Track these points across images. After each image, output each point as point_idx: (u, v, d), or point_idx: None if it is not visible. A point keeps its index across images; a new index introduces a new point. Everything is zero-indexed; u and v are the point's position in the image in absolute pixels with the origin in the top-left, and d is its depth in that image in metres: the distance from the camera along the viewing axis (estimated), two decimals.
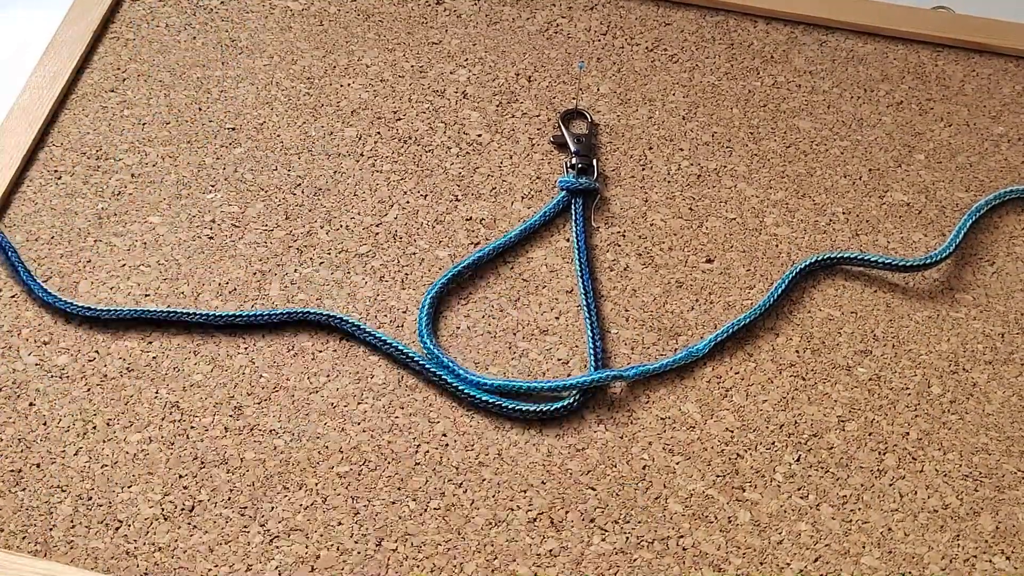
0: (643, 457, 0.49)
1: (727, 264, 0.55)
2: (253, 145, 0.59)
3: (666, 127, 0.60)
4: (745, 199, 0.57)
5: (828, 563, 0.47)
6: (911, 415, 0.51)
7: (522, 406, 0.50)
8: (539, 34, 0.63)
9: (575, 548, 0.47)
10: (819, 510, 0.48)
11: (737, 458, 0.49)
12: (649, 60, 0.62)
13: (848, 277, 0.55)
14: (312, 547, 0.47)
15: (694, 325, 0.53)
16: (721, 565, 0.47)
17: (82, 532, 0.47)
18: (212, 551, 0.46)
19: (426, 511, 0.47)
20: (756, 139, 0.59)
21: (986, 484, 0.49)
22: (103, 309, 0.52)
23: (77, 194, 0.57)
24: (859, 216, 0.57)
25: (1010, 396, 0.51)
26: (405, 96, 0.61)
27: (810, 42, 0.63)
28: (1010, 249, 0.56)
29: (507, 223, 0.56)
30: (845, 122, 0.60)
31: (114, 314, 0.52)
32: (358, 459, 0.49)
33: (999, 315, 0.54)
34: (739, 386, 0.51)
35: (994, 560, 0.47)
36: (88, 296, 0.53)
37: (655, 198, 0.57)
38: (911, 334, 0.53)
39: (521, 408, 0.50)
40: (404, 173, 0.58)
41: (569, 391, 0.50)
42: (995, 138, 0.59)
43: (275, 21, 0.64)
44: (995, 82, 0.61)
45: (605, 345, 0.52)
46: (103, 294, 0.53)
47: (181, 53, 0.62)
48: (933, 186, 0.58)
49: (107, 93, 0.61)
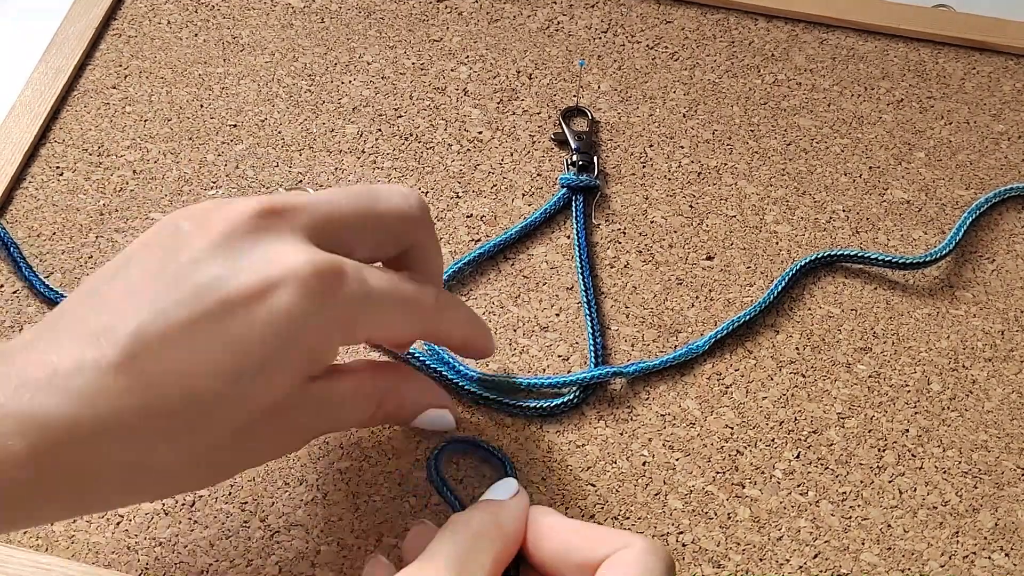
0: (643, 453, 0.49)
1: (727, 261, 0.55)
2: (254, 142, 0.59)
3: (667, 124, 0.60)
4: (745, 196, 0.57)
5: (827, 559, 0.47)
6: (911, 412, 0.51)
7: (522, 402, 0.50)
8: (540, 32, 0.63)
9: None
10: (818, 506, 0.48)
11: (737, 455, 0.49)
12: (650, 58, 0.62)
13: (848, 275, 0.55)
14: (312, 542, 0.47)
15: (694, 322, 0.53)
16: (721, 561, 0.47)
17: (83, 527, 0.47)
18: (213, 546, 0.47)
19: (426, 507, 0.47)
20: (756, 137, 0.59)
21: (985, 481, 0.49)
22: None
23: (79, 190, 0.57)
24: (859, 214, 0.57)
25: (1009, 393, 0.51)
26: (406, 93, 0.61)
27: (810, 40, 0.63)
28: (1010, 247, 0.56)
29: (508, 220, 0.56)
30: (845, 120, 0.60)
31: None
32: (359, 455, 0.49)
33: (999, 312, 0.54)
34: (739, 383, 0.51)
35: (993, 557, 0.47)
36: None
37: (655, 195, 0.57)
38: (911, 331, 0.53)
39: (521, 404, 0.50)
40: (405, 170, 0.58)
41: (570, 387, 0.50)
42: (995, 136, 0.60)
43: (276, 18, 0.64)
44: (995, 80, 0.62)
45: (605, 341, 0.52)
46: None
47: (183, 50, 0.62)
48: (933, 184, 0.58)
49: (109, 90, 0.61)
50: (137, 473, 0.36)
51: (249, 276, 0.35)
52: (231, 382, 0.35)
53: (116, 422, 0.34)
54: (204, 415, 0.35)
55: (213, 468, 0.38)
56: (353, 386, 0.41)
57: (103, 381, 0.34)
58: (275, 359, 0.36)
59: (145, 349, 0.34)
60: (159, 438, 0.35)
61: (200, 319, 0.35)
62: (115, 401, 0.34)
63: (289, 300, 0.35)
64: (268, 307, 0.35)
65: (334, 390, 0.40)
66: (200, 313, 0.35)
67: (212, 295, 0.35)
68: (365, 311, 0.38)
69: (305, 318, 0.36)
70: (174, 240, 0.37)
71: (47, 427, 0.33)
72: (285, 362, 0.36)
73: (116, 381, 0.34)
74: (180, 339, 0.34)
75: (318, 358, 0.38)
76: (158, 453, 0.35)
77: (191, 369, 0.35)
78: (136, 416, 0.34)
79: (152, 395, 0.34)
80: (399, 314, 0.40)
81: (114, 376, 0.34)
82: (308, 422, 0.40)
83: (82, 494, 0.36)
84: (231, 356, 0.35)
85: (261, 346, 0.35)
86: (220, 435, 0.36)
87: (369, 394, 0.42)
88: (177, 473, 0.37)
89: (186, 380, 0.35)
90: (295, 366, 0.37)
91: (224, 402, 0.35)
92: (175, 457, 0.36)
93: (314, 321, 0.36)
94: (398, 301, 0.39)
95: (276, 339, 0.35)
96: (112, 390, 0.34)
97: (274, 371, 0.36)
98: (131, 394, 0.34)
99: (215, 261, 0.36)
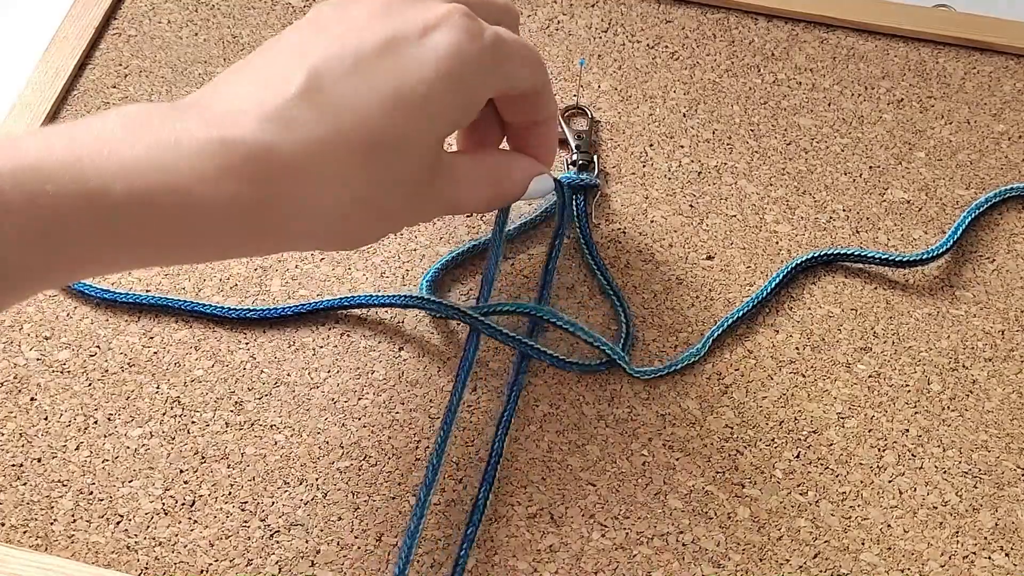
0: (643, 453, 0.49)
1: (727, 261, 0.55)
2: None
3: (667, 124, 0.60)
4: (745, 196, 0.57)
5: (827, 559, 0.47)
6: (911, 412, 0.51)
7: (551, 351, 0.51)
8: (540, 31, 0.63)
9: (575, 544, 0.47)
10: (818, 506, 0.48)
11: (737, 454, 0.49)
12: (650, 57, 0.62)
13: (848, 274, 0.55)
14: (312, 542, 0.47)
15: (694, 322, 0.53)
16: (720, 561, 0.47)
17: (83, 526, 0.47)
18: (212, 545, 0.47)
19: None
20: (757, 136, 0.59)
21: (985, 481, 0.49)
22: (120, 293, 0.53)
23: None
24: (859, 213, 0.57)
25: (1010, 393, 0.51)
26: None
27: (811, 39, 0.63)
28: (1011, 247, 0.56)
29: None
30: (846, 119, 0.60)
31: (132, 299, 0.53)
32: (359, 454, 0.49)
33: (999, 312, 0.54)
34: (739, 383, 0.51)
35: (993, 557, 0.47)
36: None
37: (655, 195, 0.57)
38: (911, 331, 0.53)
39: (550, 354, 0.51)
40: None
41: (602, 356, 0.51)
42: (996, 136, 0.59)
43: (276, 17, 0.64)
44: (996, 80, 0.61)
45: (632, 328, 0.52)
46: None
47: (183, 49, 0.62)
48: (934, 183, 0.58)
49: (109, 89, 0.61)
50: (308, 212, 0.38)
51: (412, 20, 0.40)
52: (398, 121, 0.39)
53: (304, 152, 0.37)
54: (376, 154, 0.38)
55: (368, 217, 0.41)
56: (473, 164, 0.45)
57: (291, 112, 0.37)
58: (437, 92, 0.39)
59: (325, 82, 0.38)
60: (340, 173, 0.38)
61: (371, 55, 0.39)
62: (303, 130, 0.37)
63: (448, 36, 0.40)
64: (431, 42, 0.39)
65: (465, 162, 0.45)
66: (371, 50, 0.39)
67: (381, 37, 0.39)
68: (506, 56, 0.42)
69: (461, 53, 0.40)
70: (338, 11, 0.41)
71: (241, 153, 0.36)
72: (446, 97, 0.40)
73: (301, 112, 0.37)
74: (355, 74, 0.38)
75: (471, 100, 0.42)
76: (332, 189, 0.38)
77: (365, 103, 0.38)
78: (320, 145, 0.37)
79: (333, 126, 0.37)
80: (527, 67, 0.44)
81: (299, 106, 0.37)
82: (445, 190, 0.43)
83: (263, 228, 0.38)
84: (397, 91, 0.38)
85: (424, 81, 0.39)
86: (387, 176, 0.39)
87: (493, 169, 0.47)
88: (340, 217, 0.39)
89: (360, 115, 0.38)
90: (454, 103, 0.40)
91: (394, 142, 0.39)
92: (349, 193, 0.39)
93: (468, 56, 0.40)
94: (526, 56, 0.44)
95: (438, 72, 0.39)
96: (299, 120, 0.37)
97: (435, 106, 0.39)
98: (317, 124, 0.37)
99: (379, 20, 0.40)
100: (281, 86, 0.37)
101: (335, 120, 0.37)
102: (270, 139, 0.36)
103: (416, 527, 0.45)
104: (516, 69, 0.43)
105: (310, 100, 0.37)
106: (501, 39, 0.42)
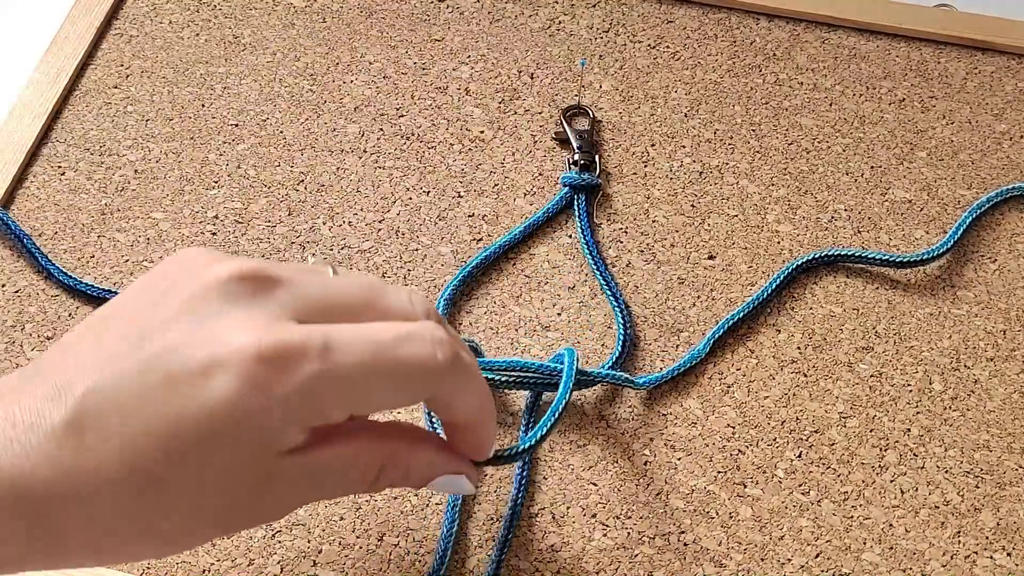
0: (644, 453, 0.49)
1: (729, 261, 0.55)
2: (256, 141, 0.59)
3: (668, 124, 0.60)
4: (747, 196, 0.57)
5: (829, 559, 0.47)
6: (912, 411, 0.51)
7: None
8: (541, 31, 0.63)
9: (576, 543, 0.47)
10: (820, 506, 0.48)
11: (738, 454, 0.49)
12: (651, 57, 0.62)
13: (850, 274, 0.55)
14: (314, 542, 0.47)
15: (696, 321, 0.53)
16: (722, 560, 0.47)
17: None
18: (215, 545, 0.47)
19: (427, 506, 0.47)
20: (758, 136, 0.59)
21: (987, 481, 0.49)
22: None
23: (80, 190, 0.57)
24: (861, 213, 0.57)
25: (1011, 393, 0.51)
26: (408, 93, 0.61)
27: (812, 39, 0.63)
28: (1012, 246, 0.56)
29: (509, 219, 0.56)
30: (847, 119, 0.60)
31: None
32: None
33: (1001, 312, 0.54)
34: (740, 382, 0.51)
35: (995, 556, 0.47)
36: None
37: (657, 194, 0.57)
38: (913, 331, 0.53)
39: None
40: (407, 169, 0.58)
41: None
42: (997, 136, 0.59)
43: (278, 18, 0.64)
44: (997, 80, 0.61)
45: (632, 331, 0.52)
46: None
47: (184, 50, 0.63)
48: (935, 183, 0.58)
49: (110, 89, 0.61)
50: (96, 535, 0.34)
51: (197, 352, 0.33)
52: (168, 461, 0.33)
53: (66, 483, 0.33)
54: (146, 489, 0.34)
55: (167, 541, 0.36)
56: (347, 454, 0.36)
57: (51, 443, 0.33)
58: (212, 443, 0.33)
59: (91, 414, 0.33)
60: (106, 504, 0.33)
61: (146, 390, 0.33)
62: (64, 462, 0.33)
63: (227, 387, 0.33)
64: (208, 391, 0.33)
65: (320, 460, 0.35)
66: (149, 384, 0.33)
67: (162, 366, 0.33)
68: (334, 391, 0.34)
69: (244, 407, 0.33)
70: (161, 288, 0.35)
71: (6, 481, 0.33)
72: (226, 446, 0.33)
73: (64, 442, 0.33)
74: (126, 408, 0.33)
75: (271, 442, 0.34)
76: (106, 519, 0.34)
77: (132, 441, 0.33)
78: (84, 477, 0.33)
79: (94, 462, 0.33)
80: (388, 389, 0.35)
81: (62, 437, 0.33)
82: (287, 495, 0.36)
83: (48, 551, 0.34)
84: (168, 434, 0.33)
85: (196, 430, 0.33)
86: (166, 509, 0.34)
87: (367, 463, 0.37)
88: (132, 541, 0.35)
89: (127, 452, 0.33)
90: (241, 450, 0.34)
91: (164, 479, 0.33)
92: (128, 525, 0.34)
93: (255, 409, 0.33)
94: (384, 373, 0.34)
95: (212, 425, 0.33)
96: (59, 452, 0.33)
97: (214, 454, 0.33)
98: (76, 456, 0.33)
99: (179, 325, 0.34)
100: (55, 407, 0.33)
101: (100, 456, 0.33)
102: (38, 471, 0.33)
103: (450, 530, 0.46)
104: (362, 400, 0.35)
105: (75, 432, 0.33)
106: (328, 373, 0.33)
